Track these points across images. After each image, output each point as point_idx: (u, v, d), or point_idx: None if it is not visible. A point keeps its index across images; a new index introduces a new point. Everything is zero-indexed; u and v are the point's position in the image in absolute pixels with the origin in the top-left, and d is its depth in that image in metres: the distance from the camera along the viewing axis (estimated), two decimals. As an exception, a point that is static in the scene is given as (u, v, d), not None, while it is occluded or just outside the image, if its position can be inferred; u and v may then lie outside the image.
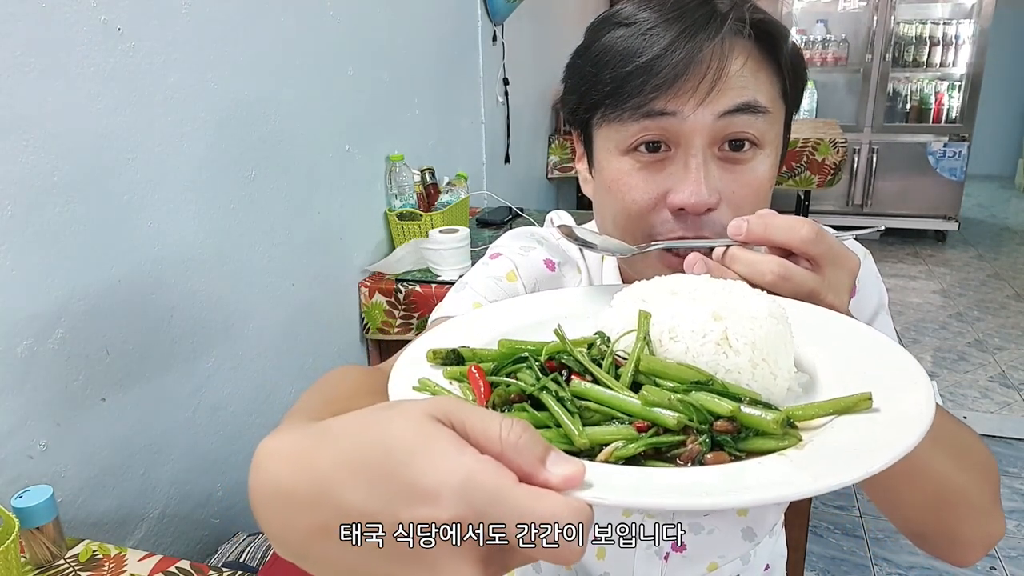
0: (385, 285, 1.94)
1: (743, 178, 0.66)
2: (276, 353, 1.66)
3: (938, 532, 0.67)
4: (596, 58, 0.67)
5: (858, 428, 0.41)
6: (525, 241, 0.85)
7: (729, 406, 0.42)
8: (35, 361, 1.11)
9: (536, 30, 3.25)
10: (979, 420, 2.92)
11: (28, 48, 1.06)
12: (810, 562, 2.20)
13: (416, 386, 0.48)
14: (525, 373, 0.48)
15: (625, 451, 0.40)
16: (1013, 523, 2.36)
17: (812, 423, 0.43)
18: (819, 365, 0.50)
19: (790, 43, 0.68)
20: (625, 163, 0.68)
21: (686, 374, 0.46)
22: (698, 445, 0.41)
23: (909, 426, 0.39)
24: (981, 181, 6.23)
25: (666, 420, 0.41)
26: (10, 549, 0.86)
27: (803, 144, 3.76)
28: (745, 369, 0.47)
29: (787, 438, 0.41)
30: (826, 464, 0.38)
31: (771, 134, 0.67)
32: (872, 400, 0.42)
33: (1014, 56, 6.07)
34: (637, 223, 0.68)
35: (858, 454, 0.38)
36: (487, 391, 0.46)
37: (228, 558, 1.32)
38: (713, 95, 0.63)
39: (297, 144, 1.67)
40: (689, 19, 0.64)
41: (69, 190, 1.13)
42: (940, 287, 4.31)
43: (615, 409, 0.43)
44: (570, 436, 0.42)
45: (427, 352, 0.51)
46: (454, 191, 2.19)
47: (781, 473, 0.38)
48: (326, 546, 0.33)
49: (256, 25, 1.51)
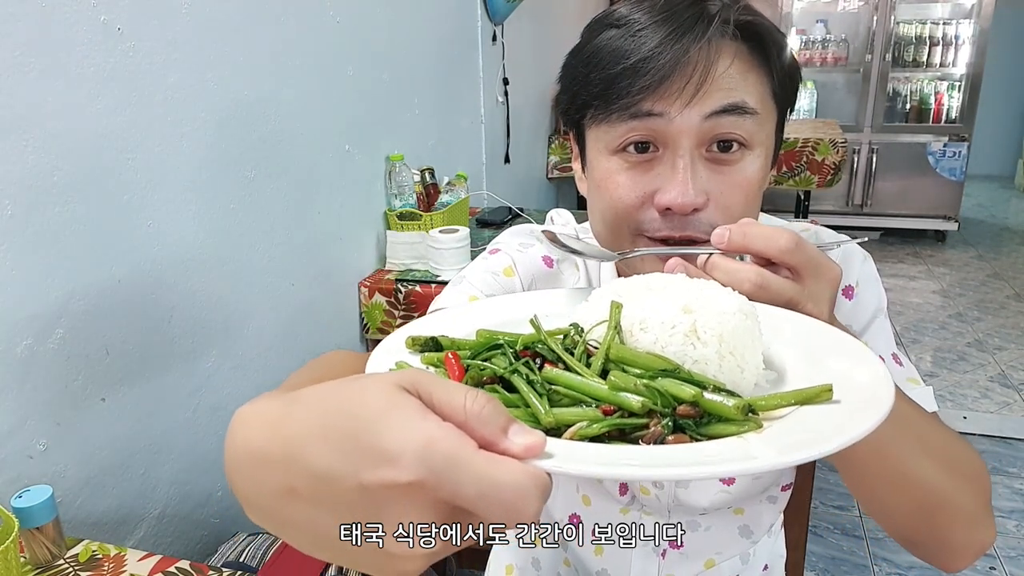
0: (385, 285, 1.94)
1: (731, 179, 0.67)
2: (276, 353, 1.66)
3: (929, 539, 0.68)
4: (587, 59, 0.68)
5: (818, 415, 0.42)
6: (524, 238, 0.85)
7: (692, 391, 0.43)
8: (35, 361, 1.11)
9: (536, 30, 3.25)
10: (979, 420, 2.92)
11: (28, 48, 1.06)
12: (810, 562, 2.20)
13: (393, 368, 0.48)
14: (499, 359, 0.49)
15: (589, 430, 0.42)
16: (1013, 523, 2.36)
17: (774, 414, 0.44)
18: (788, 365, 0.51)
19: (781, 44, 0.68)
20: (614, 163, 0.68)
21: (654, 363, 0.47)
22: (660, 428, 0.42)
23: (868, 411, 0.40)
24: (981, 181, 6.23)
25: (631, 404, 0.42)
26: (10, 549, 0.86)
27: (803, 144, 3.76)
28: (712, 360, 0.48)
29: (747, 424, 0.42)
30: (788, 443, 0.39)
31: (760, 135, 0.67)
32: (832, 392, 0.43)
33: (1014, 56, 6.07)
34: (625, 221, 0.69)
35: (816, 436, 0.39)
36: (461, 375, 0.47)
37: (228, 558, 1.32)
38: (699, 96, 0.63)
39: (297, 144, 1.67)
40: (678, 20, 0.64)
41: (69, 190, 1.13)
42: (940, 287, 4.31)
43: (583, 393, 0.44)
44: (536, 415, 0.43)
45: (406, 339, 0.52)
46: (454, 191, 2.19)
47: (740, 450, 0.39)
48: (294, 507, 0.34)
49: (256, 25, 1.51)
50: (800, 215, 4.08)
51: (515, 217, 2.42)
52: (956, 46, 4.95)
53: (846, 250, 0.80)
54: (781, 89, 0.69)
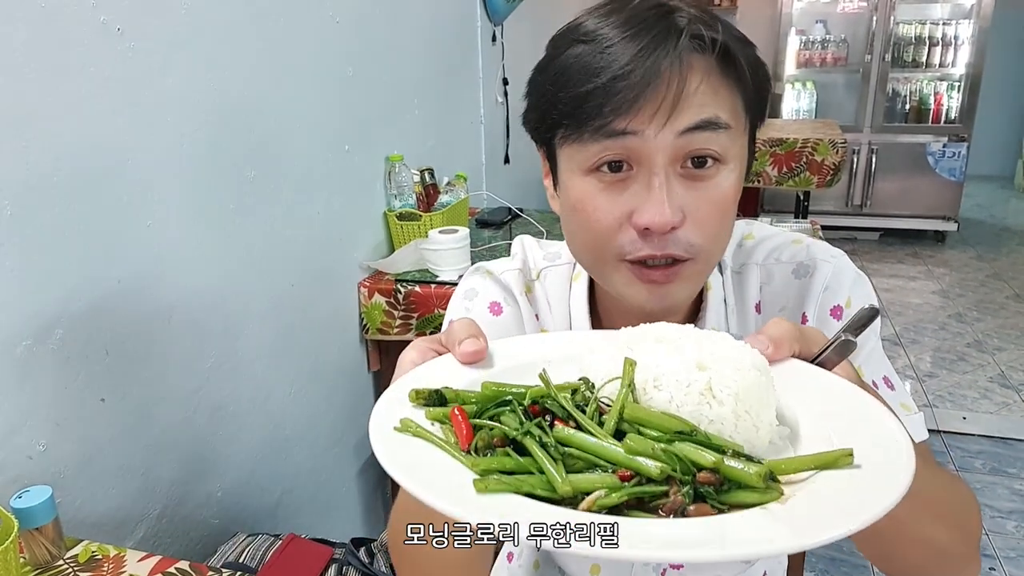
0: (385, 285, 1.94)
1: (707, 194, 0.66)
2: (275, 353, 1.66)
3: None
4: (556, 76, 0.66)
5: (839, 484, 0.42)
6: (467, 287, 0.86)
7: (712, 458, 0.42)
8: (35, 361, 1.11)
9: (536, 30, 3.25)
10: (979, 420, 2.92)
11: (28, 48, 1.05)
12: (810, 563, 2.20)
13: (397, 427, 0.48)
14: (508, 417, 0.48)
15: (608, 500, 0.41)
16: (1012, 524, 2.37)
17: (794, 477, 0.44)
18: (800, 419, 0.51)
19: (751, 54, 0.67)
20: (589, 184, 0.67)
21: (670, 423, 0.46)
22: (681, 496, 0.41)
23: (890, 484, 0.40)
24: (980, 181, 6.23)
25: (649, 470, 0.42)
26: (9, 550, 0.85)
27: (802, 144, 3.76)
28: (728, 420, 0.47)
29: (769, 492, 0.41)
30: (808, 521, 0.39)
31: (734, 148, 0.67)
32: (853, 456, 0.43)
33: (1014, 56, 6.07)
34: (605, 244, 0.68)
35: (839, 511, 0.39)
36: (469, 434, 0.47)
37: (227, 558, 1.32)
38: (674, 114, 0.63)
39: (297, 144, 1.67)
40: (647, 36, 0.62)
41: (69, 190, 1.13)
42: (939, 287, 4.32)
43: (598, 457, 0.44)
44: (553, 483, 0.42)
45: (409, 392, 0.51)
46: (453, 191, 2.19)
47: (763, 528, 0.39)
48: None
49: (256, 25, 1.51)
50: (800, 215, 4.08)
51: (515, 218, 2.43)
52: (956, 46, 4.96)
53: (837, 267, 0.78)
54: (752, 100, 0.68)
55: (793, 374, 0.53)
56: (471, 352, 0.56)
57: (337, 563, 1.31)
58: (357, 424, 1.99)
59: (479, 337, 0.57)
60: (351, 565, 1.31)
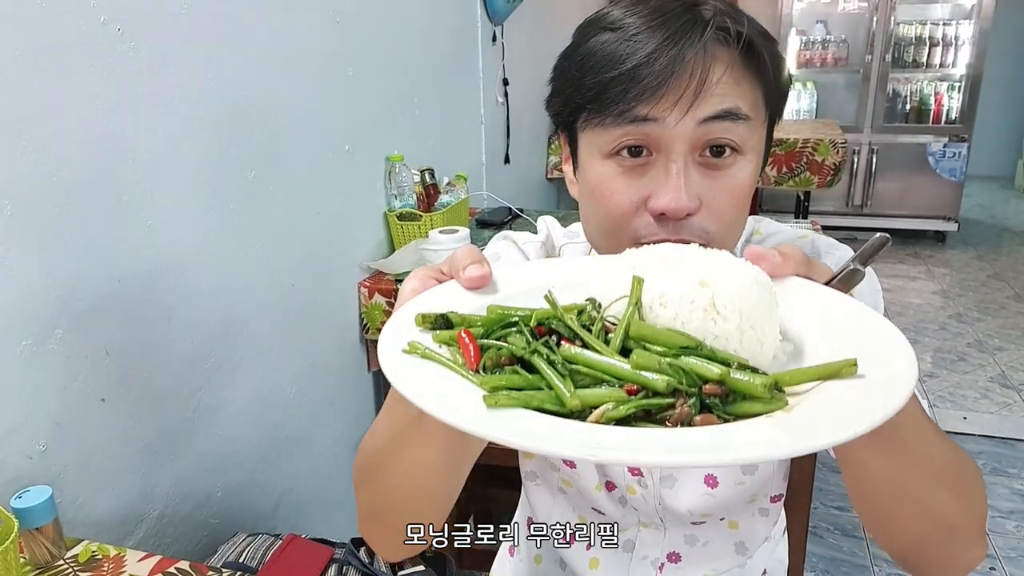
0: (385, 285, 1.94)
1: (723, 184, 0.67)
2: (275, 353, 1.65)
3: (923, 557, 0.68)
4: (581, 62, 0.68)
5: (843, 393, 0.42)
6: (491, 251, 0.88)
7: (718, 370, 0.43)
8: (35, 361, 1.11)
9: (536, 30, 3.25)
10: (979, 420, 2.92)
11: (28, 48, 1.05)
12: (810, 563, 2.20)
13: (406, 349, 0.48)
14: (515, 337, 0.48)
15: (616, 412, 0.42)
16: (1013, 524, 2.37)
17: (798, 388, 0.44)
18: (804, 334, 0.51)
19: (773, 49, 0.68)
20: (608, 167, 0.68)
21: (675, 339, 0.46)
22: (687, 408, 0.42)
23: (893, 392, 0.40)
24: (981, 182, 6.23)
25: (656, 384, 0.42)
26: (9, 550, 0.85)
27: (803, 144, 3.76)
28: (733, 335, 0.47)
29: (774, 402, 0.42)
30: (813, 426, 0.39)
31: (752, 140, 0.68)
32: (857, 366, 0.43)
33: (1014, 56, 6.08)
34: (620, 227, 0.69)
35: (844, 417, 0.39)
36: (477, 354, 0.47)
37: (227, 558, 1.32)
38: (696, 103, 0.64)
39: (297, 144, 1.67)
40: (673, 26, 0.64)
41: (69, 190, 1.13)
42: (940, 288, 4.32)
43: (605, 373, 0.44)
44: (561, 398, 0.43)
45: (416, 316, 0.51)
46: (454, 191, 2.19)
47: (768, 433, 0.39)
48: None
49: (256, 25, 1.51)
50: (800, 216, 4.08)
51: (515, 218, 2.42)
52: (956, 47, 4.96)
53: (841, 260, 0.79)
54: (772, 95, 0.69)
55: (798, 291, 0.53)
56: (476, 277, 0.56)
57: (337, 563, 1.31)
58: (357, 424, 1.99)
59: (483, 263, 0.57)
60: (351, 565, 1.31)
